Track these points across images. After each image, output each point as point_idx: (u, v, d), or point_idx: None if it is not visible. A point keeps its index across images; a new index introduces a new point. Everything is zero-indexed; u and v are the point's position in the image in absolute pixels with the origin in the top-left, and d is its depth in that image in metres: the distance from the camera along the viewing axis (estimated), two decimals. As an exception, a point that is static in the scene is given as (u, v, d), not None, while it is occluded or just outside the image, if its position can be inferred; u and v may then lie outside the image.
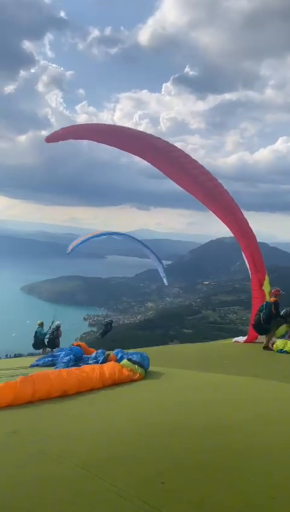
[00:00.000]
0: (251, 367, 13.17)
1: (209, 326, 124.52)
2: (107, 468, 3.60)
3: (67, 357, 9.42)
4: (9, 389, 5.97)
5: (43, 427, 5.06)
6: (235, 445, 4.24)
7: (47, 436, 4.69)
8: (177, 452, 4.07)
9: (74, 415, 5.75)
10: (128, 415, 5.64)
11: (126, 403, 6.47)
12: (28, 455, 4.05)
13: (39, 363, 10.44)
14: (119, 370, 7.71)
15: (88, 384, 7.00)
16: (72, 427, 5.07)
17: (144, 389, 7.38)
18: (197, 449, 4.15)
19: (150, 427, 4.95)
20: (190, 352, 19.59)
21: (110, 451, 4.10)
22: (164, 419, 5.27)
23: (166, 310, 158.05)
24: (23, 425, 5.15)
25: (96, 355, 9.59)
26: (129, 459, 3.88)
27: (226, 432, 4.69)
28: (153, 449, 4.19)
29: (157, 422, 5.15)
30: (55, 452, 4.04)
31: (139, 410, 5.87)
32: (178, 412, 5.66)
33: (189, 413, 5.53)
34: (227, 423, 5.05)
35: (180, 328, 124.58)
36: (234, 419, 5.24)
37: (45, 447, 4.23)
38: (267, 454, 4.03)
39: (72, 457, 3.86)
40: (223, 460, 3.81)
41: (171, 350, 22.23)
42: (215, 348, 21.26)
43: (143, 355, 8.63)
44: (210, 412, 5.64)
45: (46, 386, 6.34)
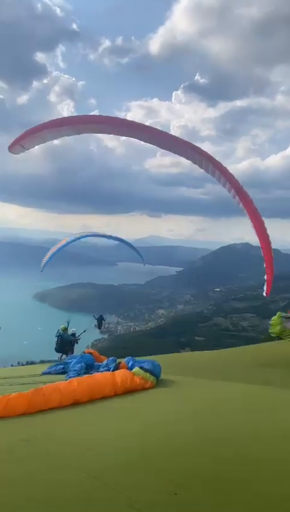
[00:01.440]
0: (264, 374, 12.97)
1: (221, 334, 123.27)
2: (119, 478, 3.57)
3: (79, 365, 9.42)
4: (22, 399, 6.01)
5: (55, 435, 5.06)
6: (249, 456, 4.16)
7: (59, 444, 4.68)
8: (191, 463, 4.01)
9: (86, 423, 5.73)
10: (141, 423, 5.59)
11: (138, 411, 6.42)
12: (40, 463, 4.04)
13: (51, 370, 10.46)
14: (130, 378, 7.67)
15: (100, 392, 6.98)
16: (84, 436, 5.05)
17: (156, 397, 7.32)
18: (210, 460, 4.08)
19: (162, 436, 4.89)
20: (202, 360, 19.42)
21: (122, 461, 4.07)
22: (177, 429, 5.20)
23: (177, 317, 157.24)
24: (36, 433, 5.15)
25: (107, 362, 9.57)
26: (141, 469, 3.83)
27: (240, 443, 4.60)
28: (165, 459, 4.14)
29: (170, 431, 5.09)
30: (67, 461, 4.03)
31: (151, 419, 5.82)
32: (191, 421, 5.59)
33: (202, 423, 5.46)
34: (240, 433, 4.96)
35: (191, 336, 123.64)
36: (247, 429, 5.15)
37: (57, 455, 4.22)
38: (283, 465, 3.94)
39: (84, 466, 3.84)
40: (238, 472, 3.74)
41: (183, 358, 22.08)
42: (227, 355, 21.01)
43: (155, 363, 8.58)
44: (223, 421, 5.55)
45: (57, 397, 6.36)
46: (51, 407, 6.25)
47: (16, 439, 4.89)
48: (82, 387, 6.78)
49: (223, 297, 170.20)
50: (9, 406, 5.88)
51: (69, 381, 7.05)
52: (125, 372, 7.96)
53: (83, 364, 9.47)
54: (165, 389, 7.87)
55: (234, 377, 12.02)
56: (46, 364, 12.99)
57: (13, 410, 5.88)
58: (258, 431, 5.07)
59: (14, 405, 5.91)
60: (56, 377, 9.41)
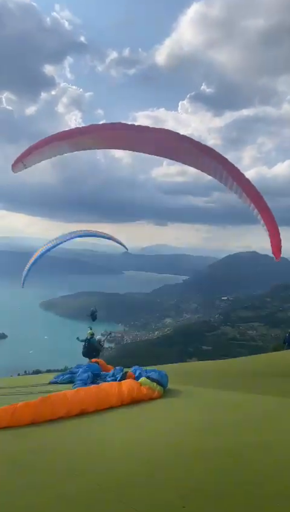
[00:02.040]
0: (276, 384, 12.78)
1: (228, 343, 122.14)
2: (127, 490, 3.53)
3: (86, 374, 9.40)
4: (29, 409, 6.00)
5: (62, 446, 5.03)
6: (259, 468, 4.09)
7: (65, 455, 4.65)
8: (199, 475, 3.95)
9: (93, 434, 5.69)
10: (148, 434, 5.54)
11: (145, 422, 6.36)
12: (48, 475, 4.02)
13: (58, 380, 10.44)
14: (137, 388, 7.62)
15: (107, 403, 6.94)
16: (91, 446, 5.02)
17: (163, 407, 7.26)
18: (219, 472, 4.02)
19: (170, 447, 4.84)
20: (210, 370, 19.21)
21: (130, 472, 4.02)
22: (185, 440, 5.14)
23: (184, 326, 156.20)
24: (42, 443, 5.13)
25: (114, 372, 9.53)
26: (149, 481, 3.79)
27: (249, 454, 4.53)
28: (174, 471, 4.09)
29: (177, 442, 5.03)
30: (73, 472, 4.00)
31: (159, 430, 5.76)
32: (199, 432, 5.53)
33: (210, 434, 5.39)
34: (250, 445, 4.89)
35: (199, 345, 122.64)
36: (257, 440, 5.07)
37: (64, 466, 4.19)
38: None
39: (92, 478, 3.81)
40: (247, 484, 3.67)
41: (190, 368, 21.86)
42: (236, 365, 20.78)
43: (161, 373, 8.52)
44: (232, 432, 5.48)
45: (64, 406, 6.34)
46: (58, 417, 6.23)
47: (22, 449, 4.88)
48: (89, 396, 6.76)
49: (231, 306, 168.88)
50: (16, 415, 5.87)
51: (76, 391, 7.03)
52: (132, 382, 7.92)
53: (90, 373, 9.45)
54: (172, 399, 7.80)
55: (243, 387, 11.86)
56: (52, 374, 12.97)
57: (20, 419, 5.87)
58: (265, 442, 4.99)
59: (21, 414, 5.90)
60: (63, 386, 9.38)
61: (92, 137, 8.84)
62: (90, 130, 8.75)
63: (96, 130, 8.84)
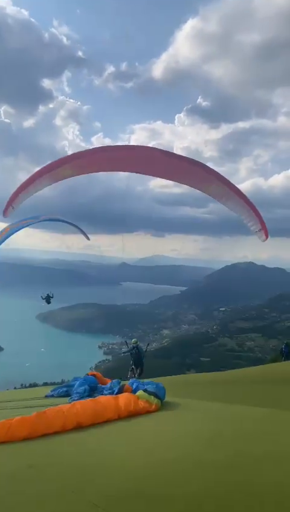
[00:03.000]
0: (274, 395, 12.70)
1: (227, 354, 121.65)
2: (124, 506, 3.48)
3: (82, 387, 9.30)
4: (24, 424, 5.92)
5: (58, 462, 4.95)
6: (256, 481, 4.04)
7: (62, 470, 4.58)
8: (197, 489, 3.90)
9: (89, 449, 5.61)
10: (145, 448, 5.48)
11: (142, 436, 6.29)
12: (44, 491, 3.95)
13: (54, 393, 10.33)
14: (134, 401, 7.55)
15: (103, 416, 6.86)
16: (88, 462, 4.95)
17: (160, 421, 7.18)
18: (217, 486, 3.97)
19: (167, 462, 4.78)
20: (208, 381, 19.08)
21: (126, 488, 3.97)
22: (182, 454, 5.08)
23: (182, 337, 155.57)
24: (39, 459, 5.05)
25: (111, 385, 9.44)
26: (147, 496, 3.74)
27: (246, 469, 4.49)
28: (170, 486, 4.03)
29: (175, 457, 4.97)
30: (71, 488, 3.93)
31: (156, 444, 5.69)
32: (196, 446, 5.47)
33: (208, 448, 5.33)
34: (247, 459, 4.84)
35: (197, 356, 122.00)
36: (254, 454, 5.02)
37: (60, 483, 4.13)
38: (285, 488, 3.82)
39: (88, 494, 3.75)
40: (245, 499, 3.63)
41: (188, 380, 21.71)
42: (234, 377, 20.65)
43: (159, 386, 8.45)
44: (230, 446, 5.42)
45: (60, 420, 6.27)
46: (53, 431, 6.15)
47: (19, 465, 4.80)
48: (85, 410, 6.68)
49: (228, 317, 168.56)
50: (12, 430, 5.79)
51: (72, 404, 6.96)
52: (129, 395, 7.84)
53: (87, 386, 9.34)
54: (169, 413, 7.72)
55: (242, 399, 11.78)
56: (49, 387, 12.83)
57: (16, 434, 5.79)
58: (264, 456, 4.94)
59: (16, 429, 5.82)
60: (59, 400, 9.28)
61: (71, 166, 8.98)
62: (68, 160, 8.92)
63: (72, 159, 8.99)
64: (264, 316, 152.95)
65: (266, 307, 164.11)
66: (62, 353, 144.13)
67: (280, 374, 19.48)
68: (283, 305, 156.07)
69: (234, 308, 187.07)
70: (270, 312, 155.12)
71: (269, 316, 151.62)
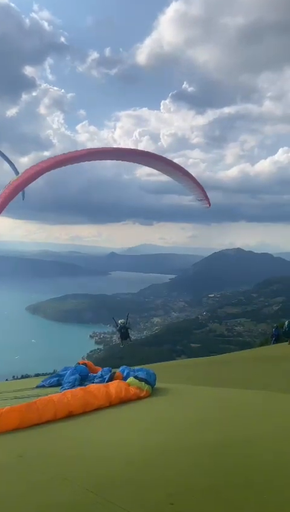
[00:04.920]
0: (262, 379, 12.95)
1: (216, 340, 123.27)
2: (116, 491, 3.50)
3: (73, 377, 9.28)
4: (14, 414, 5.89)
5: (49, 451, 4.96)
6: (246, 462, 4.12)
7: (53, 459, 4.59)
8: (187, 472, 3.95)
9: (80, 437, 5.63)
10: (136, 434, 5.52)
11: (133, 422, 6.34)
12: (35, 480, 3.95)
13: (45, 383, 10.29)
14: (125, 388, 7.59)
15: (94, 404, 6.88)
16: (79, 450, 4.96)
17: (150, 406, 7.25)
18: (207, 468, 4.03)
19: (158, 446, 4.83)
20: (198, 366, 19.36)
21: (118, 473, 4.00)
22: (172, 438, 5.14)
23: (172, 324, 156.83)
24: (30, 449, 5.04)
25: (102, 373, 9.46)
26: (138, 481, 3.77)
27: (236, 450, 4.56)
28: (161, 469, 4.08)
29: (165, 441, 5.03)
30: (63, 476, 3.94)
31: (147, 429, 5.74)
32: (187, 429, 5.54)
33: (198, 431, 5.40)
34: (237, 440, 4.92)
35: (187, 343, 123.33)
36: (243, 435, 5.11)
37: (51, 471, 4.13)
38: (279, 470, 3.91)
39: (80, 481, 3.76)
40: (235, 479, 3.70)
41: (179, 365, 21.97)
42: (223, 361, 20.98)
43: (149, 372, 8.51)
44: (219, 428, 5.50)
45: (50, 410, 6.25)
46: (45, 421, 6.14)
47: (9, 455, 4.78)
48: (76, 399, 6.69)
49: (218, 303, 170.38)
50: (2, 420, 5.76)
51: (63, 393, 6.95)
52: (119, 382, 7.88)
53: (78, 375, 9.34)
54: (160, 398, 7.80)
55: (231, 383, 11.97)
56: (41, 378, 12.79)
57: (6, 424, 5.76)
58: (253, 437, 5.03)
59: (6, 420, 5.79)
60: (50, 390, 9.26)
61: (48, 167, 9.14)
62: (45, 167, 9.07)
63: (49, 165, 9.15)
64: (253, 301, 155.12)
65: (254, 292, 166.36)
66: (53, 344, 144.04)
67: (269, 357, 19.86)
68: (270, 290, 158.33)
69: (222, 294, 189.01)
70: (258, 297, 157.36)
71: (257, 300, 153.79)
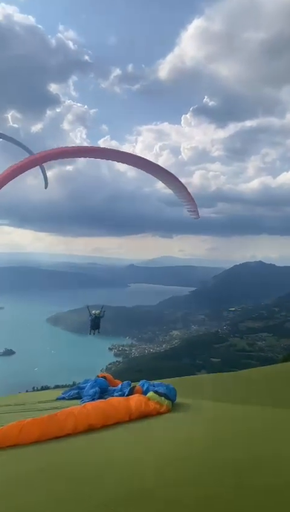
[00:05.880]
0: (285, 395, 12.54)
1: (237, 355, 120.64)
2: (134, 507, 3.47)
3: (93, 390, 9.31)
4: (35, 426, 5.95)
5: (69, 464, 4.96)
6: (268, 482, 4.00)
7: (73, 473, 4.59)
8: (207, 491, 3.87)
9: (100, 451, 5.61)
10: (156, 450, 5.45)
11: (153, 437, 6.27)
12: (55, 493, 3.96)
13: (65, 396, 10.36)
14: (145, 403, 7.53)
15: (114, 418, 6.86)
16: (99, 464, 4.95)
17: (171, 422, 7.15)
18: (228, 487, 3.94)
19: (178, 463, 4.75)
20: (219, 382, 18.94)
21: (137, 488, 3.96)
22: (193, 455, 5.05)
23: (192, 338, 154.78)
24: (50, 462, 5.07)
25: (121, 387, 9.44)
26: (157, 497, 3.72)
27: (259, 470, 4.44)
28: (181, 486, 4.01)
29: (186, 458, 4.95)
30: (82, 490, 3.94)
31: (168, 445, 5.67)
32: (208, 447, 5.43)
33: (219, 449, 5.29)
34: (263, 460, 4.79)
35: (207, 357, 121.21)
36: (269, 454, 4.97)
37: (70, 484, 4.13)
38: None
39: (99, 496, 3.75)
40: (257, 498, 3.59)
41: (199, 381, 21.57)
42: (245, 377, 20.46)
43: (169, 387, 8.43)
44: (242, 447, 5.37)
45: (70, 423, 6.28)
46: (65, 434, 6.16)
47: (30, 467, 4.82)
48: (96, 412, 6.69)
49: (238, 317, 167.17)
50: (24, 432, 5.82)
51: (83, 406, 6.97)
52: (139, 396, 7.83)
53: (97, 388, 9.35)
54: (180, 414, 7.69)
55: (254, 400, 11.65)
56: (60, 390, 12.86)
57: (27, 436, 5.82)
58: (275, 456, 4.88)
59: (28, 432, 5.85)
60: (71, 402, 9.30)
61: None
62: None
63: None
64: (274, 315, 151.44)
65: (276, 306, 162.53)
66: (73, 355, 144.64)
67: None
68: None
69: (243, 308, 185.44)
70: (280, 311, 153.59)
71: (279, 315, 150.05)
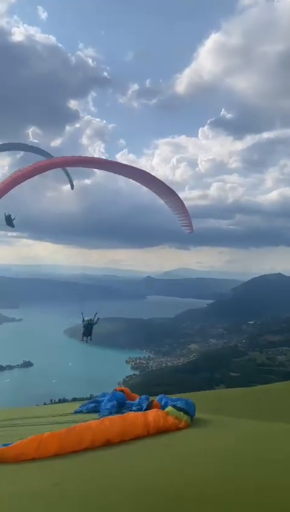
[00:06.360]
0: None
1: (257, 369, 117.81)
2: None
3: (110, 403, 9.24)
4: (55, 439, 5.94)
5: (86, 479, 4.91)
6: None
7: (90, 488, 4.53)
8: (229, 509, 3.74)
9: (118, 467, 5.53)
10: (176, 467, 5.33)
11: (172, 454, 6.14)
12: (71, 508, 3.91)
13: (83, 409, 10.32)
14: (163, 417, 7.41)
15: (132, 433, 6.77)
16: (116, 480, 4.87)
17: (190, 438, 7.00)
18: (251, 508, 3.80)
19: (199, 481, 4.62)
20: (239, 397, 18.51)
21: (155, 505, 3.86)
22: (213, 474, 4.91)
23: (210, 351, 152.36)
24: (67, 476, 5.02)
25: (139, 401, 9.33)
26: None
27: (282, 491, 4.27)
28: (201, 507, 3.89)
29: (206, 476, 4.81)
30: (98, 505, 3.88)
31: (187, 463, 5.53)
32: (228, 465, 5.27)
33: (241, 467, 5.13)
34: (283, 480, 4.61)
35: (226, 371, 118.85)
36: None
37: (86, 501, 4.07)
38: None
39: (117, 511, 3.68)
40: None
41: (218, 395, 21.12)
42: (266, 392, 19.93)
43: (188, 402, 8.27)
44: (263, 466, 5.19)
45: (88, 437, 6.24)
46: (83, 448, 6.11)
47: (46, 482, 4.79)
48: (114, 427, 6.62)
49: (258, 331, 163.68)
50: (42, 446, 5.82)
51: (101, 421, 6.92)
52: (158, 411, 7.72)
53: (115, 402, 9.28)
54: (199, 430, 7.52)
55: (275, 416, 11.33)
56: (78, 403, 12.83)
57: (46, 450, 5.81)
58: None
59: (46, 445, 5.85)
60: (88, 416, 9.26)
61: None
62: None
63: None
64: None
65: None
66: (90, 368, 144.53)
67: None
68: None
69: (263, 321, 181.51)
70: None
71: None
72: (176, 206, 12.62)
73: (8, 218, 18.29)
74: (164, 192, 12.39)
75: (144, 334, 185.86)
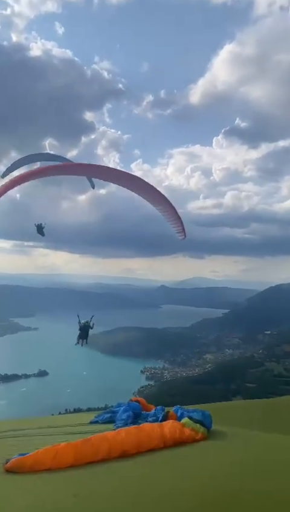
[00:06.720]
0: None
1: (274, 380, 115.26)
2: None
3: (126, 414, 9.18)
4: (71, 449, 5.93)
5: (103, 491, 4.88)
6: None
7: (105, 501, 4.50)
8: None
9: (134, 478, 5.48)
10: (193, 479, 5.25)
11: (190, 466, 6.05)
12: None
13: (98, 419, 10.27)
14: (180, 429, 7.32)
15: (148, 444, 6.71)
16: (132, 491, 4.83)
17: (207, 450, 6.88)
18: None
19: (216, 493, 4.54)
20: (256, 409, 18.13)
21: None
22: (231, 485, 4.82)
23: (226, 362, 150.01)
24: (84, 488, 5.00)
25: (155, 412, 9.24)
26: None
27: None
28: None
29: (224, 488, 4.72)
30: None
31: (204, 475, 5.45)
32: (247, 477, 5.16)
33: (260, 480, 5.01)
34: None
35: (242, 382, 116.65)
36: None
37: None
38: None
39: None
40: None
41: (235, 407, 20.74)
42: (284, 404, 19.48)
43: (205, 413, 8.15)
44: (282, 478, 5.06)
45: (105, 448, 6.21)
46: (99, 459, 6.08)
47: (64, 494, 4.78)
48: (130, 438, 6.57)
49: (275, 341, 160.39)
50: (58, 456, 5.82)
51: (117, 432, 6.88)
52: (174, 423, 7.63)
53: (131, 413, 9.21)
54: (216, 442, 7.39)
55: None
56: (93, 413, 12.79)
57: (62, 461, 5.80)
58: None
59: (63, 455, 5.84)
60: (104, 426, 9.21)
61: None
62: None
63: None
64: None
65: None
66: (105, 377, 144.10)
67: None
68: None
69: (280, 331, 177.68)
70: None
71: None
72: (168, 212, 12.64)
73: (40, 228, 18.68)
74: (156, 199, 12.44)
75: (159, 344, 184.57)
